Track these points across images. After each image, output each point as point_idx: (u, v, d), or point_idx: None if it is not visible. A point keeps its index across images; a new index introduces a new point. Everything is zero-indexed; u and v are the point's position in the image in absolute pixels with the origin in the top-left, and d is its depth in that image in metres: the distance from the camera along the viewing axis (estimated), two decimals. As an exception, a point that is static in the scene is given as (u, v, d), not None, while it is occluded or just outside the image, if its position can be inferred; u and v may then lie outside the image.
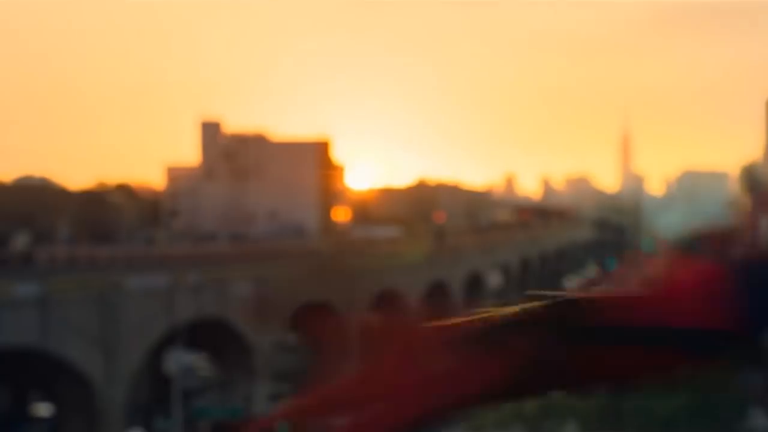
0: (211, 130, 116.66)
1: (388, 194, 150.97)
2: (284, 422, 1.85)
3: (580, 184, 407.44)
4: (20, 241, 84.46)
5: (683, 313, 1.25)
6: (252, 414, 52.71)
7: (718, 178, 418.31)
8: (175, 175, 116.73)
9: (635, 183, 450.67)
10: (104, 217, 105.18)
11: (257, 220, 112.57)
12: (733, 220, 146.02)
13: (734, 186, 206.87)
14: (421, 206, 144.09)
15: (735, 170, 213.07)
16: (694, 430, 33.59)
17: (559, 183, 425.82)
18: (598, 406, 32.17)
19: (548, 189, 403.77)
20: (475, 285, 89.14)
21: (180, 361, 48.74)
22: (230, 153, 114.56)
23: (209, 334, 54.81)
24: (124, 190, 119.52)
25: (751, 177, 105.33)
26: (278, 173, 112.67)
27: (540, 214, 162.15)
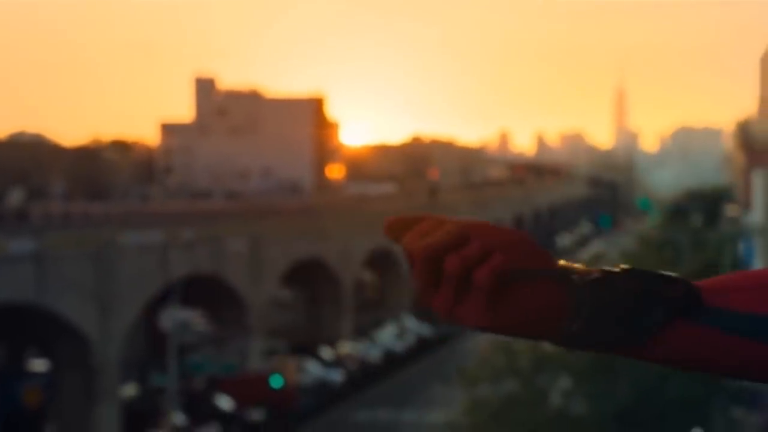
0: (205, 87, 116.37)
1: (383, 151, 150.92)
2: None
3: (574, 141, 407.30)
4: (14, 198, 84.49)
5: None
6: (246, 369, 53.05)
7: (712, 134, 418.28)
8: (169, 131, 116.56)
9: (629, 139, 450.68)
10: (99, 174, 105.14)
11: (251, 176, 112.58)
12: (727, 177, 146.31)
13: (728, 142, 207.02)
14: (415, 163, 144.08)
15: (729, 127, 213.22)
16: (688, 382, 33.84)
17: (553, 140, 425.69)
18: (591, 360, 32.43)
19: (542, 146, 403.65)
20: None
21: (175, 317, 48.98)
22: (224, 109, 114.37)
23: (204, 291, 55.05)
24: (118, 146, 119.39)
25: (745, 133, 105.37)
26: (273, 130, 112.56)
27: (534, 171, 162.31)
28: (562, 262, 1.23)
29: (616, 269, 1.26)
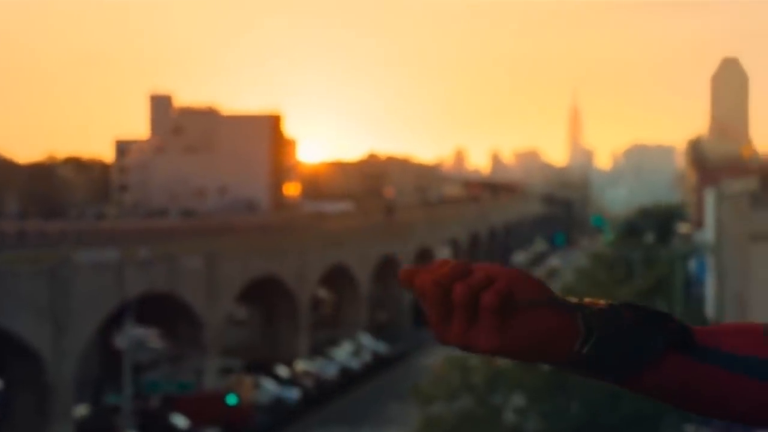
0: (161, 104, 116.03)
1: (339, 168, 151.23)
2: None
3: (530, 159, 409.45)
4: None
5: None
6: (202, 388, 52.98)
7: (665, 152, 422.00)
8: (123, 148, 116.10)
9: (584, 157, 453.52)
10: (54, 192, 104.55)
11: (208, 194, 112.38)
12: (680, 195, 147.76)
13: (681, 160, 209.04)
14: (372, 180, 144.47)
15: (681, 145, 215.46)
16: (639, 401, 34.23)
17: (508, 157, 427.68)
18: (544, 378, 32.73)
19: (497, 163, 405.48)
20: (424, 260, 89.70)
21: (130, 335, 48.85)
22: (180, 127, 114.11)
23: (160, 309, 54.94)
24: (73, 163, 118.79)
25: (696, 152, 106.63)
26: (229, 147, 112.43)
27: (489, 189, 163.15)
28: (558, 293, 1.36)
29: (617, 303, 1.36)
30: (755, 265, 42.47)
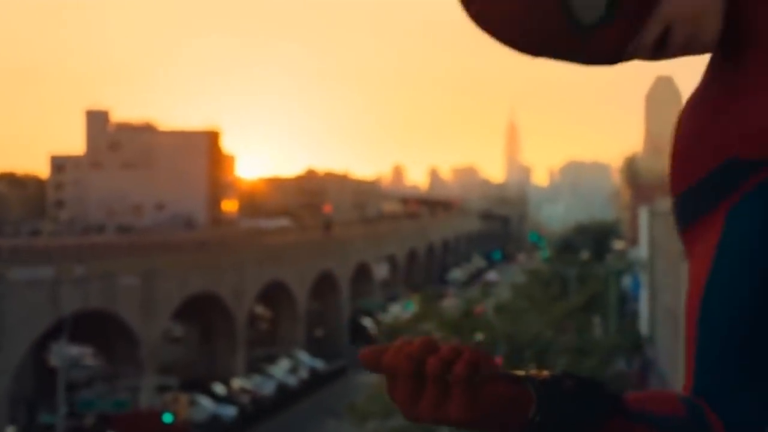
0: (98, 119, 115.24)
1: (277, 184, 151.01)
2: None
3: (468, 175, 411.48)
4: None
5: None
6: (138, 406, 52.68)
7: (601, 169, 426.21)
8: (59, 164, 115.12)
9: (522, 173, 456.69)
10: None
11: (145, 211, 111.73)
12: (615, 212, 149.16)
13: (616, 177, 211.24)
14: (310, 197, 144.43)
15: (617, 162, 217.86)
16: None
17: (446, 173, 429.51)
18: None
19: (436, 179, 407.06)
20: (362, 276, 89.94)
21: (65, 353, 48.47)
22: (117, 142, 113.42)
23: (96, 327, 54.57)
24: (8, 179, 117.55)
25: (631, 170, 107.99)
26: (167, 164, 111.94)
27: (427, 206, 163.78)
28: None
29: (558, 373, 1.45)
30: (687, 282, 43.08)
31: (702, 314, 1.43)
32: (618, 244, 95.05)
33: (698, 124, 1.48)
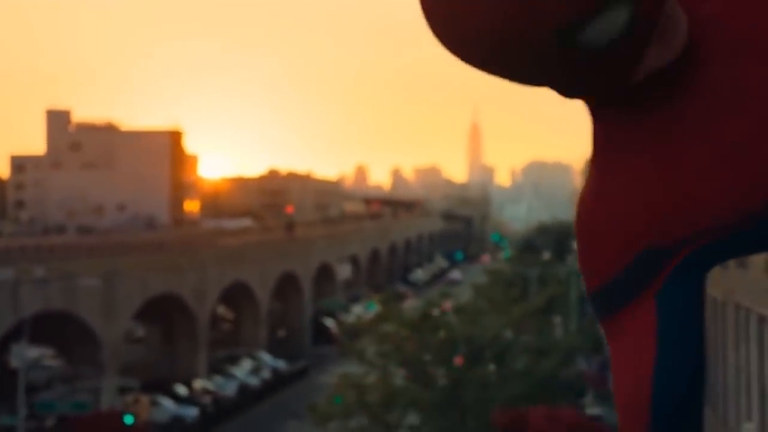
0: (59, 120, 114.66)
1: (240, 184, 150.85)
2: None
3: (430, 175, 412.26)
4: None
5: None
6: (99, 407, 52.54)
7: (563, 169, 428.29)
8: (20, 164, 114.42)
9: (484, 174, 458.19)
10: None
11: (106, 211, 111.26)
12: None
13: (578, 178, 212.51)
14: (273, 197, 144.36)
15: (579, 163, 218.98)
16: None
17: (409, 174, 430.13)
18: (439, 396, 33.23)
19: (399, 180, 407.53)
20: (325, 277, 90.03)
21: (25, 355, 48.26)
22: (78, 143, 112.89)
23: (56, 328, 54.35)
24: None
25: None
26: (129, 164, 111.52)
27: (390, 206, 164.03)
28: None
29: None
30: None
31: (655, 400, 1.39)
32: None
33: (600, 218, 1.43)
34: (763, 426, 23.25)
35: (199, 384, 59.21)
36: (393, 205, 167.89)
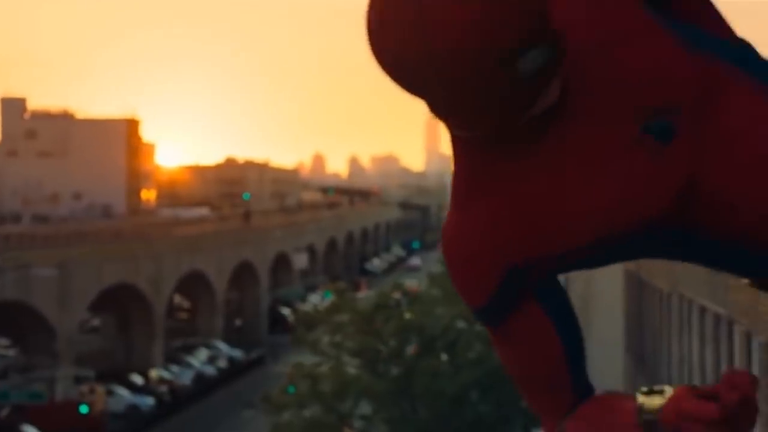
0: (14, 107, 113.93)
1: (197, 172, 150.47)
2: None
3: (387, 164, 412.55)
4: None
5: None
6: (54, 397, 52.56)
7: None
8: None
9: (441, 163, 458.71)
10: None
11: (62, 200, 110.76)
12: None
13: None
14: (229, 186, 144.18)
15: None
16: (481, 407, 35.39)
17: (366, 162, 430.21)
18: (391, 386, 33.63)
19: (356, 168, 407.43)
20: (282, 266, 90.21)
21: (-20, 345, 48.25)
22: (34, 131, 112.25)
23: (10, 318, 54.27)
24: None
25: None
26: (84, 152, 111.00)
27: (347, 195, 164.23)
28: None
29: None
30: (596, 271, 44.22)
31: (572, 367, 1.72)
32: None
33: (464, 246, 1.68)
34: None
35: (155, 373, 59.34)
36: (350, 194, 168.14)
